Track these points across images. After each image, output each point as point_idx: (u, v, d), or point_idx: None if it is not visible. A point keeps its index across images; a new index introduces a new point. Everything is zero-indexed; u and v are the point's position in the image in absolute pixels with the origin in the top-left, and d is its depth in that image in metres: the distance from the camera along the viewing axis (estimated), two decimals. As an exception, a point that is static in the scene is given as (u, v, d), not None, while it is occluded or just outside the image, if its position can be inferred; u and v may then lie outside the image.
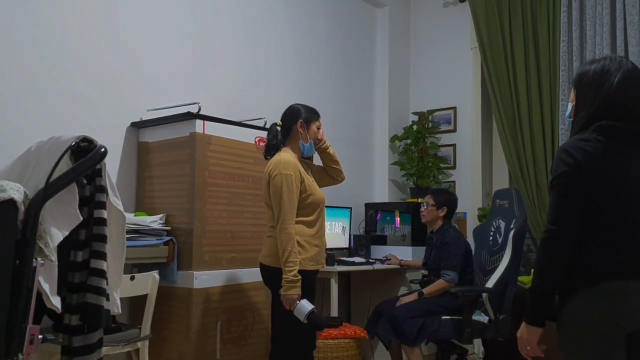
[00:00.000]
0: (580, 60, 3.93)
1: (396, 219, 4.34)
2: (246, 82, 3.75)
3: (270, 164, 2.64)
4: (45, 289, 1.37)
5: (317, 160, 2.91)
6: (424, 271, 3.91)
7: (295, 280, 2.46)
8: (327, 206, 2.83)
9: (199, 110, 2.85)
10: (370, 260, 4.02)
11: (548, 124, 4.16)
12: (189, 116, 2.85)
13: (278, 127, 2.76)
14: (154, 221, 2.82)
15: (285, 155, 2.66)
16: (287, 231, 2.50)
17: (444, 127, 4.90)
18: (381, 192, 4.81)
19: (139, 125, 3.10)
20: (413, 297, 3.47)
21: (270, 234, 2.62)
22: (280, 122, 2.78)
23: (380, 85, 4.92)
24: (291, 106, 2.80)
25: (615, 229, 1.65)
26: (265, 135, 2.85)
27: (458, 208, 3.83)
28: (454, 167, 4.84)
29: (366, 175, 4.78)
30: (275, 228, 2.54)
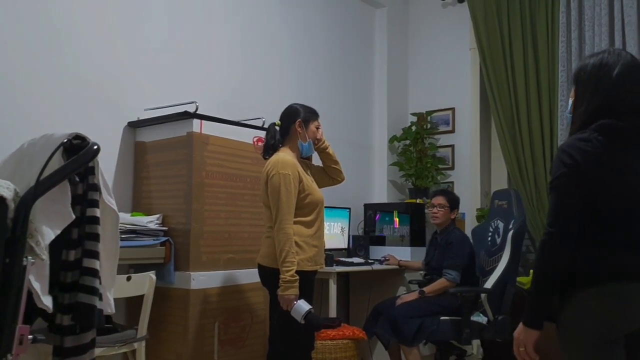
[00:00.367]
0: (579, 61, 3.92)
1: (395, 219, 4.33)
2: (244, 81, 3.73)
3: (268, 163, 2.62)
4: (36, 288, 1.35)
5: (317, 160, 2.90)
6: (421, 272, 3.91)
7: (292, 281, 2.44)
8: (326, 207, 2.81)
9: (197, 109, 2.83)
10: (369, 261, 4.01)
11: (547, 124, 4.15)
12: (186, 116, 2.84)
13: (277, 127, 2.74)
14: (150, 221, 2.81)
15: (284, 155, 2.64)
16: (284, 231, 2.48)
17: (442, 128, 4.89)
18: (380, 192, 4.80)
19: (135, 125, 3.09)
20: (414, 295, 3.46)
21: (269, 235, 2.60)
22: (279, 122, 2.76)
23: (378, 86, 4.91)
24: (290, 106, 2.78)
25: (615, 230, 1.63)
26: (264, 135, 2.83)
27: (456, 208, 3.81)
28: (453, 168, 4.83)
29: (365, 176, 4.76)
30: (273, 228, 2.53)
